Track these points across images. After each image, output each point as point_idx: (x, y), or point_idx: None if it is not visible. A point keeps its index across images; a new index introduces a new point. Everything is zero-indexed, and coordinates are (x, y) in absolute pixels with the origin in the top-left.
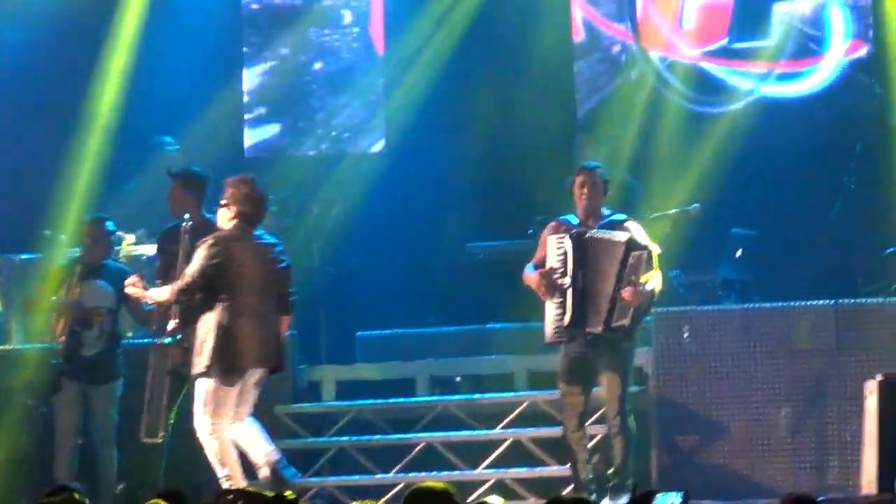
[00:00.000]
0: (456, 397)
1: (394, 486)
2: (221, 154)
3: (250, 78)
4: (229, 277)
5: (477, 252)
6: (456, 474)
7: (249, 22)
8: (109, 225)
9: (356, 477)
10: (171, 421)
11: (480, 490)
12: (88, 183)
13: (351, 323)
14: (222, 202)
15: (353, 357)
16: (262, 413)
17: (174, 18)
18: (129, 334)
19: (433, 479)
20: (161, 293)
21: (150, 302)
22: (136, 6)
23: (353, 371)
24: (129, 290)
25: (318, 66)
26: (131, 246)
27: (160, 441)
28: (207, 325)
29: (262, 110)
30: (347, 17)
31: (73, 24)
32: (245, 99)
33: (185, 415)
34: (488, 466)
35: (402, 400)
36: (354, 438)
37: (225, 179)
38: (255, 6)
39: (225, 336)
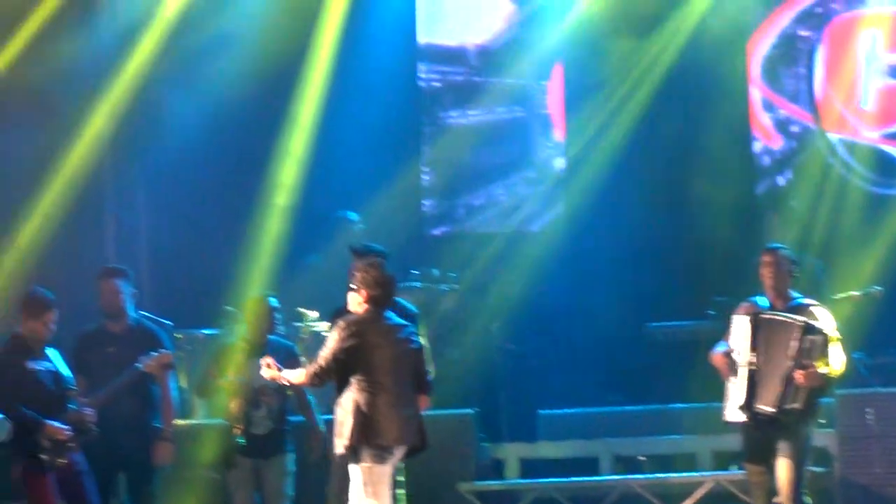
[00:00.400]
0: (640, 476)
1: None
2: (403, 232)
3: (429, 155)
4: (363, 359)
5: (656, 333)
6: None
7: (429, 98)
8: (273, 301)
9: None
10: None
11: None
12: (269, 260)
13: (532, 401)
14: (352, 286)
15: (535, 435)
16: (446, 490)
17: (352, 97)
18: None
19: None
20: (296, 375)
21: (285, 384)
22: (315, 87)
23: (536, 449)
24: (263, 371)
25: (497, 143)
26: (313, 322)
27: None
28: (345, 408)
29: (441, 187)
30: (528, 96)
31: (251, 104)
32: (424, 177)
33: None
34: None
35: (585, 478)
36: None
37: (354, 264)
38: (435, 83)
39: (364, 417)
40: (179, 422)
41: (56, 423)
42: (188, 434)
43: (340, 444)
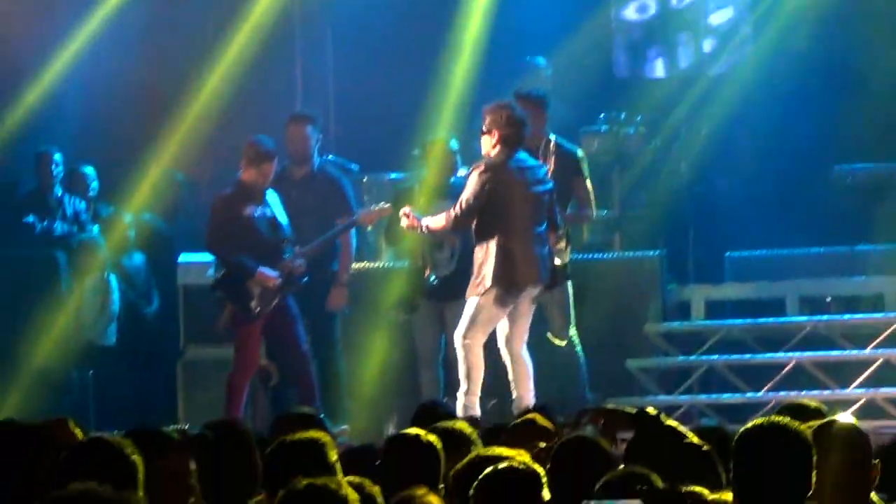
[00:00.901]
0: (826, 317)
1: (764, 404)
2: (592, 77)
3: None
4: (501, 201)
5: (846, 174)
6: (826, 393)
7: None
8: (453, 144)
9: (726, 396)
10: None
11: (851, 410)
12: (456, 103)
13: (720, 243)
14: (484, 129)
15: (721, 277)
16: (633, 331)
17: None
18: None
19: (804, 398)
20: (437, 221)
21: (426, 231)
22: None
23: (722, 290)
24: (403, 221)
25: None
26: None
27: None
28: (485, 249)
29: (631, 32)
30: None
31: None
32: (614, 23)
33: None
34: (859, 386)
35: (771, 319)
36: (724, 357)
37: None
38: None
39: (504, 257)
40: (366, 265)
41: (268, 271)
42: (375, 277)
43: (481, 286)
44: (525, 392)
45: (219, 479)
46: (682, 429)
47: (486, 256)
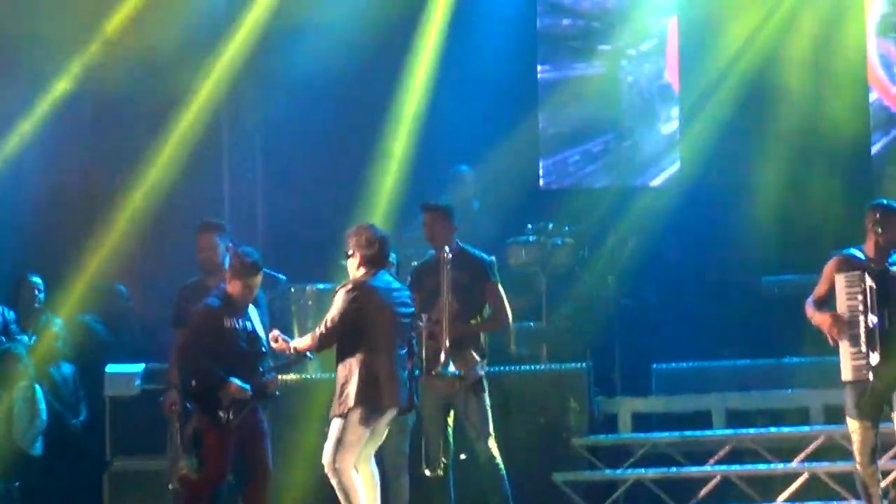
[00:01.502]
0: (752, 431)
1: None
2: (517, 186)
3: (546, 107)
4: (367, 321)
5: (773, 286)
6: None
7: (546, 46)
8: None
9: None
10: (450, 455)
11: None
12: (384, 212)
13: (647, 355)
14: (348, 253)
15: (649, 389)
16: (559, 444)
17: (468, 49)
18: None
19: None
20: (304, 341)
21: (294, 353)
22: (430, 42)
23: (649, 403)
24: (273, 344)
25: (613, 96)
26: None
27: (441, 474)
28: (348, 368)
29: (557, 140)
30: (643, 46)
31: (365, 57)
32: (540, 127)
33: (460, 448)
34: (786, 500)
35: (698, 433)
36: (651, 470)
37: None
38: (552, 30)
39: (368, 377)
40: (293, 377)
41: (239, 383)
42: (301, 390)
43: (344, 406)
44: None
45: None
46: None
47: (349, 375)
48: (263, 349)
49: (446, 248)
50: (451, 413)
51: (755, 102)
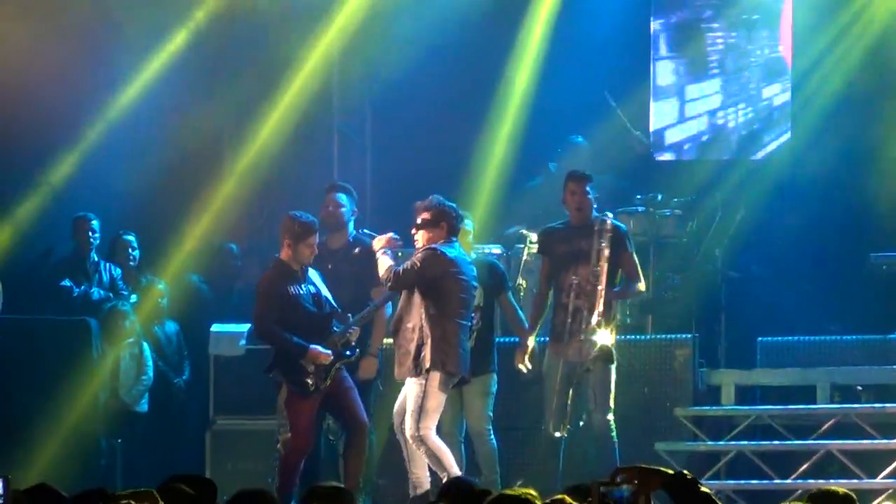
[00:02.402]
0: (857, 406)
1: (792, 492)
2: (628, 156)
3: (658, 78)
4: (443, 288)
5: (881, 262)
6: (855, 482)
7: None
8: (469, 224)
9: (754, 481)
10: (570, 418)
11: (879, 499)
12: (495, 179)
13: (752, 328)
14: (418, 223)
15: (753, 362)
16: (662, 414)
17: (582, 16)
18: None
19: (833, 486)
20: (383, 264)
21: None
22: (544, 8)
23: (753, 376)
24: (377, 243)
25: (725, 69)
26: (534, 244)
27: (565, 435)
28: (423, 332)
29: (668, 113)
30: (757, 24)
31: (478, 27)
32: (652, 99)
33: (579, 413)
34: (889, 476)
35: (802, 406)
36: (753, 443)
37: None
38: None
39: (443, 343)
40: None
41: (319, 348)
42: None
43: (415, 368)
44: (422, 471)
45: None
46: (716, 499)
47: (423, 339)
48: (332, 310)
49: (609, 215)
50: (574, 382)
51: (869, 75)
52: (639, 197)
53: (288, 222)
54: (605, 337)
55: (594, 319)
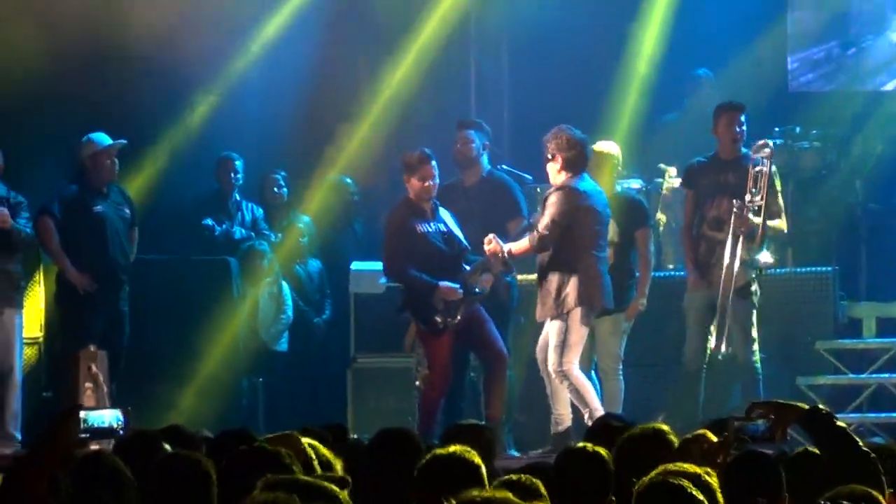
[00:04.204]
0: None
1: None
2: (765, 88)
3: (796, 12)
4: (579, 223)
5: None
6: None
7: None
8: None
9: (895, 414)
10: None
11: None
12: (629, 113)
13: (893, 260)
14: (548, 157)
15: (894, 294)
16: (803, 348)
17: None
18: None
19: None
20: (520, 245)
21: (509, 255)
22: None
23: (894, 308)
24: (486, 247)
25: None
26: (673, 178)
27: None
28: (565, 271)
29: (807, 46)
30: None
31: None
32: (789, 33)
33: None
34: None
35: None
36: (895, 376)
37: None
38: None
39: (585, 279)
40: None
41: (448, 284)
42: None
43: (563, 307)
44: (565, 409)
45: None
46: (852, 433)
47: (565, 277)
48: (463, 248)
49: (769, 142)
50: (715, 314)
51: None
52: (776, 129)
53: (403, 158)
54: (766, 256)
55: (740, 250)
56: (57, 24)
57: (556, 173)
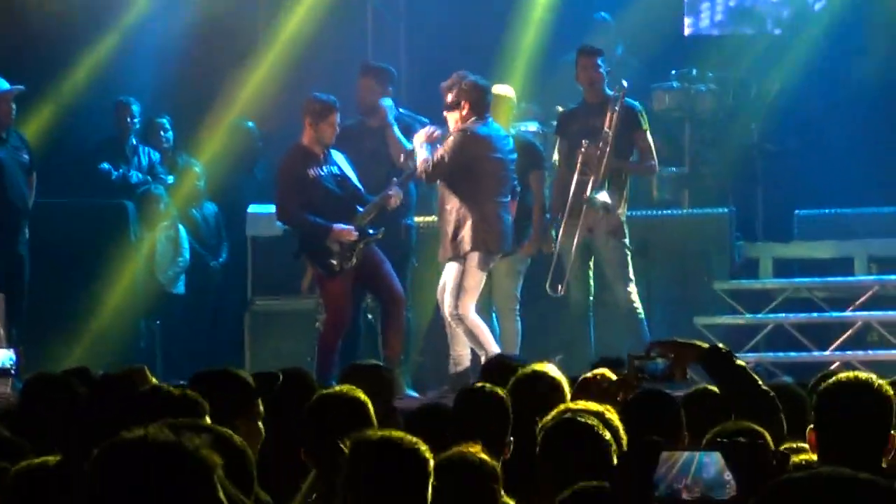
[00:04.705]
0: (895, 277)
1: (830, 363)
2: (661, 35)
3: None
4: (478, 167)
5: None
6: (893, 353)
7: None
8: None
9: (793, 354)
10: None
11: None
12: (527, 57)
13: (789, 201)
14: (450, 103)
15: (790, 235)
16: (700, 289)
17: None
18: None
19: (869, 358)
20: (420, 156)
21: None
22: None
23: (790, 249)
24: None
25: None
26: None
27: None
28: (461, 213)
29: None
30: None
31: None
32: None
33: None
34: None
35: (840, 279)
36: (791, 316)
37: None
38: None
39: (481, 223)
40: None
41: (342, 226)
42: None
43: (459, 249)
44: (463, 349)
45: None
46: (751, 371)
47: (461, 220)
48: (355, 190)
49: (623, 83)
50: (592, 258)
51: None
52: (673, 72)
53: (308, 103)
54: (604, 196)
55: (590, 185)
56: None
57: (456, 120)
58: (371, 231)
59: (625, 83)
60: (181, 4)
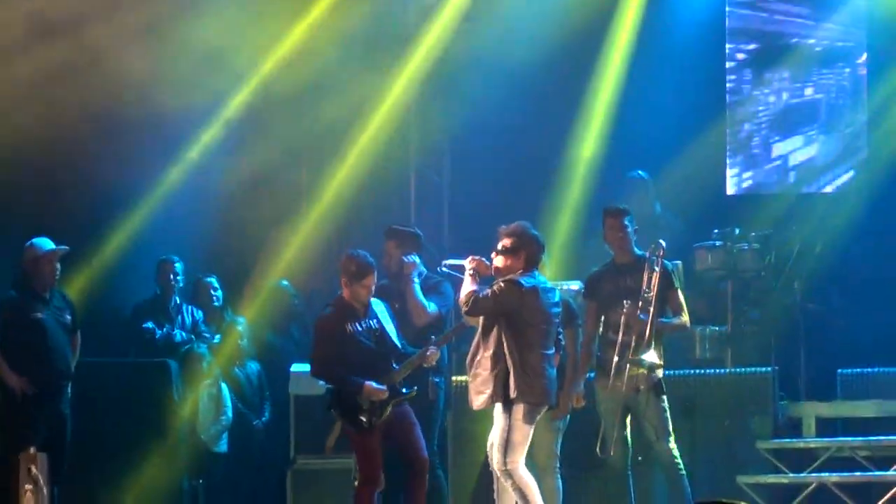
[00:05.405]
0: None
1: None
2: (703, 193)
3: (734, 118)
4: (523, 318)
5: None
6: None
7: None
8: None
9: None
10: (629, 456)
11: None
12: (568, 219)
13: (832, 360)
14: (498, 249)
15: (833, 394)
16: (744, 447)
17: (659, 58)
18: None
19: None
20: (464, 288)
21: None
22: (619, 46)
23: (833, 408)
24: (469, 262)
25: (800, 103)
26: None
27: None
28: (503, 363)
29: (744, 150)
30: (837, 57)
31: (554, 66)
32: (728, 138)
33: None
34: None
35: (883, 437)
36: (835, 474)
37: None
38: (739, 55)
39: (524, 374)
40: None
41: (374, 384)
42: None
43: (496, 397)
44: None
45: None
46: None
47: (503, 370)
48: (392, 346)
49: (661, 242)
50: (629, 416)
51: None
52: (716, 231)
53: (346, 262)
54: (651, 356)
55: (641, 348)
56: None
57: (504, 264)
58: (404, 390)
59: (662, 242)
60: (221, 166)
